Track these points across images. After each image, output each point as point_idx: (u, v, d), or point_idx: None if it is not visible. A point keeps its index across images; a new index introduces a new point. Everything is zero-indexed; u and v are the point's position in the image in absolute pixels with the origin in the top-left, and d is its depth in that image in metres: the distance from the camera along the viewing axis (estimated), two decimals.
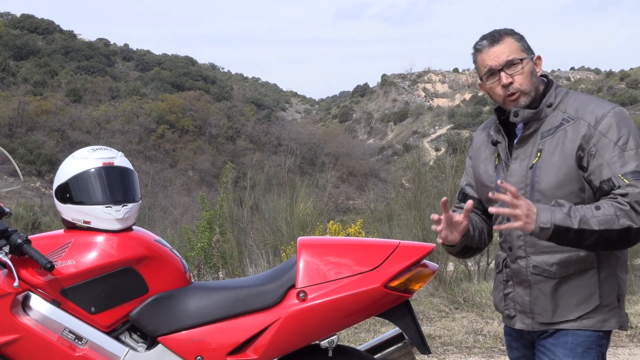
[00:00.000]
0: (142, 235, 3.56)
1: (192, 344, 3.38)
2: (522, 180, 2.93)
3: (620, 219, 2.72)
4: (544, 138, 2.90)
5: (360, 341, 7.85)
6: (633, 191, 2.73)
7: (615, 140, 2.80)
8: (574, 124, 2.86)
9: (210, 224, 12.39)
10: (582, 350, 2.88)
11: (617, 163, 2.78)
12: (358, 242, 3.83)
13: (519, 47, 2.94)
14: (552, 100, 2.94)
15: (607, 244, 2.76)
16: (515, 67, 2.92)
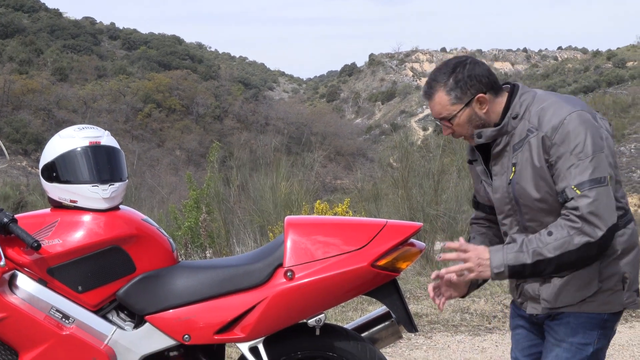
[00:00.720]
0: (129, 215, 3.56)
1: (179, 323, 3.39)
2: (506, 195, 2.94)
3: (574, 239, 2.71)
4: (516, 151, 2.89)
5: (347, 320, 7.87)
6: (583, 203, 2.70)
7: (570, 149, 2.75)
8: (536, 135, 2.83)
9: (197, 203, 12.37)
10: (584, 331, 2.90)
11: (572, 173, 2.74)
12: (345, 221, 3.83)
13: (449, 101, 2.90)
14: (517, 111, 2.90)
15: (570, 265, 2.77)
16: (450, 121, 2.93)
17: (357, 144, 77.47)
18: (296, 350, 3.48)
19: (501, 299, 9.49)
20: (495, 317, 8.68)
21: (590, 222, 2.70)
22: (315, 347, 3.48)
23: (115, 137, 3.68)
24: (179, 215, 12.83)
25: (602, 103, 65.89)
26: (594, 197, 2.70)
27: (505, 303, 9.23)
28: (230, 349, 5.49)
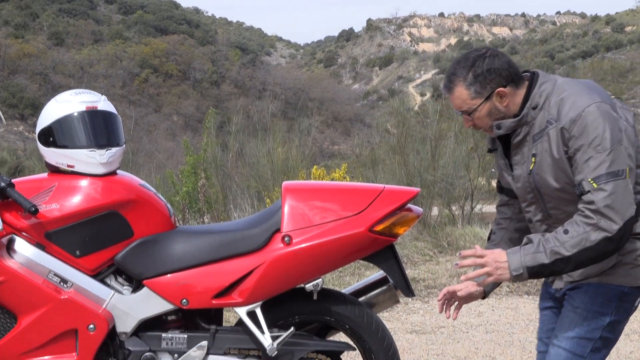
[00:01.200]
0: (127, 180, 3.55)
1: (177, 287, 3.40)
2: (528, 185, 2.94)
3: (591, 235, 2.70)
4: (536, 142, 2.88)
5: (344, 284, 7.91)
6: (599, 196, 2.69)
7: (588, 142, 2.73)
8: (555, 126, 2.81)
9: (194, 168, 12.37)
10: (602, 300, 2.90)
11: (590, 166, 2.72)
12: (343, 186, 3.83)
13: (468, 95, 2.89)
14: (537, 101, 2.88)
15: (590, 261, 2.76)
16: (470, 115, 2.93)
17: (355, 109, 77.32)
18: (293, 314, 3.49)
19: None
20: None
21: (606, 216, 2.68)
22: (313, 312, 3.50)
23: (112, 102, 3.67)
24: (177, 180, 12.83)
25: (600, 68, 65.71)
26: (611, 191, 2.68)
27: None
28: (228, 314, 5.51)
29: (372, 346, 3.48)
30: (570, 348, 2.87)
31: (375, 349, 3.48)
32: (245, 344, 3.44)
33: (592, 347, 2.88)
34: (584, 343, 2.88)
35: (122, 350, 3.43)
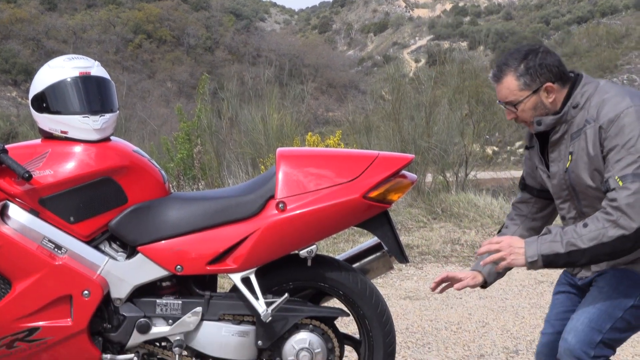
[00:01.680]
0: (121, 146, 3.54)
1: (172, 254, 3.40)
2: (563, 182, 3.00)
3: (609, 231, 2.74)
4: (573, 140, 2.94)
5: (339, 251, 7.94)
6: (623, 194, 2.73)
7: (623, 142, 2.78)
8: (593, 126, 2.87)
9: (188, 135, 12.35)
10: (628, 283, 2.92)
11: (620, 165, 2.77)
12: (337, 153, 3.82)
13: (517, 86, 2.95)
14: (578, 101, 2.94)
15: (605, 256, 2.79)
16: (515, 106, 2.97)
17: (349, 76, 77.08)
18: (288, 280, 3.50)
19: (492, 230, 9.56)
20: None
21: (626, 214, 2.72)
22: (307, 278, 3.51)
23: (106, 68, 3.65)
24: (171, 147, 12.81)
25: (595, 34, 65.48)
26: (635, 190, 2.73)
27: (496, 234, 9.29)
28: (223, 280, 5.54)
29: (366, 312, 3.49)
30: (591, 318, 2.88)
31: (369, 315, 3.49)
32: (240, 310, 3.46)
33: (611, 325, 2.89)
34: (604, 317, 2.88)
35: (117, 316, 3.44)
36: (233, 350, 3.43)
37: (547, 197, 3.24)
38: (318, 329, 3.47)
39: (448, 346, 5.14)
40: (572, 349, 2.82)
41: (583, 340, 2.81)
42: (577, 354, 2.80)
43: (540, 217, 3.30)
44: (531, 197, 3.29)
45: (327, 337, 3.47)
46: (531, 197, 3.29)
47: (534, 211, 3.29)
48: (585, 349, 2.79)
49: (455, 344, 5.20)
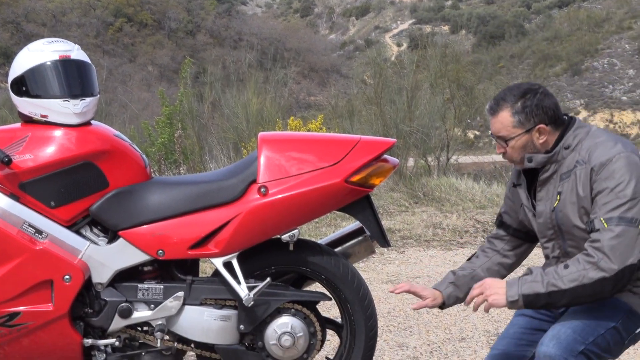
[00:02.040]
0: (101, 130, 3.52)
1: (153, 238, 3.40)
2: (549, 222, 3.04)
3: (589, 273, 2.77)
4: (563, 180, 2.98)
5: (321, 235, 7.94)
6: (606, 236, 2.77)
7: (613, 186, 2.83)
8: (585, 167, 2.91)
9: (170, 119, 12.31)
10: (610, 307, 2.93)
11: (606, 207, 2.81)
12: (319, 137, 3.82)
13: (512, 122, 2.99)
14: (570, 142, 2.99)
15: (586, 298, 2.82)
16: (506, 142, 3.01)
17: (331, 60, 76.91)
18: (270, 265, 3.51)
19: (473, 214, 9.59)
20: (467, 232, 8.79)
21: (608, 256, 2.76)
22: (289, 262, 3.51)
23: (86, 51, 3.62)
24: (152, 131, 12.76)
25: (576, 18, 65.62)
26: (618, 233, 2.77)
27: (477, 218, 9.34)
28: (204, 264, 5.53)
29: (348, 296, 3.50)
30: (574, 329, 2.88)
31: (351, 298, 3.50)
32: (222, 295, 3.46)
33: (594, 339, 2.89)
34: (588, 330, 2.89)
35: (98, 301, 3.43)
36: (215, 334, 3.43)
37: (522, 237, 3.31)
38: (300, 313, 3.47)
39: (429, 329, 5.17)
40: (552, 355, 2.81)
41: (565, 348, 2.81)
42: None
43: (512, 254, 3.33)
44: (506, 235, 3.34)
45: (309, 321, 3.48)
46: (506, 235, 3.34)
47: (507, 248, 3.33)
48: (566, 356, 2.80)
49: (436, 328, 5.23)
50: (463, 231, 8.74)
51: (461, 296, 3.26)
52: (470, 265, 3.33)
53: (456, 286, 3.27)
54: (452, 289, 3.27)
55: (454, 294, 3.27)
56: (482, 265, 3.31)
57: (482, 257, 3.34)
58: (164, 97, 12.65)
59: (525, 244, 3.32)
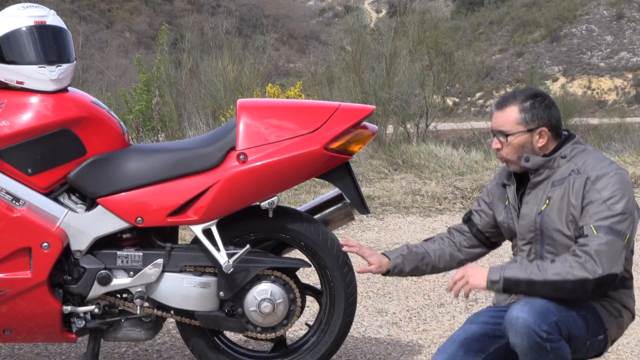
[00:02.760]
0: (78, 97, 3.49)
1: (132, 205, 3.38)
2: (532, 224, 3.08)
3: (574, 270, 2.83)
4: (554, 187, 3.03)
5: (300, 202, 7.95)
6: (595, 241, 2.83)
7: (605, 198, 2.89)
8: (579, 177, 2.97)
9: (147, 86, 12.23)
10: (577, 304, 2.94)
11: (597, 216, 2.88)
12: (298, 104, 3.81)
13: (517, 119, 3.04)
14: (566, 153, 3.06)
15: (563, 293, 2.86)
16: (504, 137, 3.05)
17: (310, 26, 76.55)
18: (249, 232, 3.51)
19: (452, 181, 9.63)
20: (445, 198, 8.83)
21: (594, 260, 2.82)
22: (268, 229, 3.51)
23: (62, 17, 3.57)
24: (129, 98, 12.68)
25: None
26: (607, 241, 2.84)
27: (456, 185, 9.38)
28: (184, 232, 5.53)
29: (327, 263, 3.51)
30: (547, 303, 2.88)
31: (330, 265, 3.51)
32: (201, 262, 3.45)
33: (566, 314, 2.91)
34: (560, 307, 2.90)
35: (77, 268, 3.42)
36: (195, 301, 3.44)
37: (481, 240, 3.37)
38: (279, 280, 3.48)
39: (409, 295, 5.20)
40: (525, 318, 2.81)
41: (540, 314, 2.83)
42: (530, 326, 2.82)
43: (465, 251, 3.39)
44: (468, 232, 3.39)
45: (289, 288, 3.49)
46: (468, 232, 3.39)
47: (464, 244, 3.38)
48: (539, 323, 2.81)
49: (415, 294, 5.26)
50: (442, 198, 8.78)
51: (406, 270, 3.34)
52: (425, 246, 3.40)
53: (405, 260, 3.33)
54: (400, 260, 3.33)
55: (400, 267, 3.33)
56: (435, 251, 3.38)
57: (438, 243, 3.40)
58: (140, 64, 12.56)
59: (481, 247, 3.40)
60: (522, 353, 2.85)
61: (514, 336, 2.85)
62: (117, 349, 4.10)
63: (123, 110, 12.39)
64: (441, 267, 3.40)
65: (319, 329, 3.59)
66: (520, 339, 2.83)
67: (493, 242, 3.39)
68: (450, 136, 15.99)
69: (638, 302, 3.47)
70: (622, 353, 4.14)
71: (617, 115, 30.95)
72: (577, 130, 21.70)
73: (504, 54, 59.77)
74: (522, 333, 2.82)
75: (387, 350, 4.17)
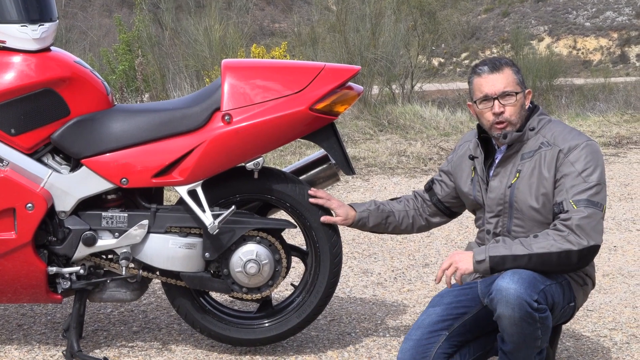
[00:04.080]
0: (61, 56, 3.45)
1: (116, 166, 3.37)
2: (502, 197, 3.10)
3: (558, 242, 2.86)
4: (524, 160, 3.06)
5: (285, 163, 7.95)
6: (576, 215, 2.88)
7: (580, 170, 2.94)
8: (550, 150, 3.01)
9: (129, 46, 12.14)
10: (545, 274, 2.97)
11: (574, 190, 2.92)
12: (283, 64, 3.79)
13: (515, 79, 3.07)
14: (534, 125, 3.09)
15: (548, 266, 2.89)
16: (510, 98, 3.06)
17: None
18: (234, 193, 3.50)
19: (437, 142, 9.65)
20: (430, 159, 8.85)
21: (577, 234, 2.87)
22: (254, 190, 3.51)
23: None
24: (112, 59, 12.59)
25: None
26: (587, 214, 2.89)
27: (441, 146, 9.40)
28: (169, 193, 5.53)
29: (313, 223, 3.51)
30: (533, 273, 2.90)
31: (315, 226, 3.52)
32: (186, 223, 3.45)
33: (550, 282, 2.94)
34: (544, 277, 2.93)
35: (62, 229, 3.41)
36: (180, 262, 3.44)
37: (441, 209, 3.45)
38: (265, 241, 3.49)
39: (394, 256, 5.22)
40: (516, 289, 2.82)
41: (529, 283, 2.84)
42: (521, 296, 2.82)
43: (425, 218, 3.48)
44: (429, 201, 3.46)
45: (274, 249, 3.49)
46: (429, 201, 3.46)
47: (425, 212, 3.47)
48: (530, 293, 2.82)
49: (400, 254, 5.29)
50: (427, 158, 8.80)
51: (369, 225, 3.44)
52: (391, 206, 3.48)
53: (370, 215, 3.42)
54: (366, 215, 3.43)
55: (364, 221, 3.43)
56: (399, 212, 3.46)
57: (403, 205, 3.48)
58: (120, 24, 12.45)
59: (440, 217, 3.48)
60: (511, 324, 2.85)
61: (504, 307, 2.84)
62: (102, 310, 4.11)
63: (106, 71, 12.31)
64: (402, 229, 3.49)
65: (304, 289, 3.61)
66: (511, 310, 2.83)
67: (453, 212, 3.46)
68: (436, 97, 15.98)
69: None
70: (604, 311, 4.19)
71: (601, 75, 31.00)
72: (562, 91, 21.76)
73: (490, 14, 59.51)
74: (514, 304, 2.82)
75: (372, 310, 4.20)
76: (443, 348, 3.12)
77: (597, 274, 3.27)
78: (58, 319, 3.97)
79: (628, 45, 53.13)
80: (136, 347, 3.64)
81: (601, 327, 3.97)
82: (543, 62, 24.49)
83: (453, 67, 51.65)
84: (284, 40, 17.71)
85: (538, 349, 2.94)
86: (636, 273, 4.90)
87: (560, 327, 3.27)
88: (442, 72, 42.67)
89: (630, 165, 8.87)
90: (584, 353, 3.65)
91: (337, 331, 3.88)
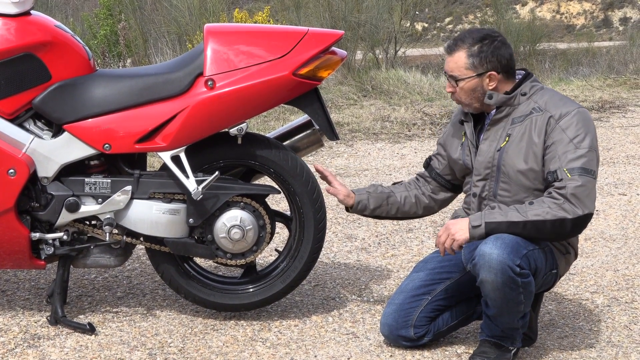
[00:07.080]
0: (42, 20, 3.41)
1: (99, 132, 3.35)
2: (490, 161, 3.12)
3: (553, 210, 2.88)
4: (514, 124, 3.08)
5: (269, 129, 7.93)
6: (571, 184, 2.89)
7: (571, 137, 2.96)
8: (541, 115, 3.02)
9: (110, 11, 12.03)
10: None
11: (567, 157, 2.94)
12: (266, 29, 3.76)
13: (465, 64, 3.09)
14: (526, 90, 3.10)
15: (543, 234, 2.92)
16: (456, 81, 3.10)
17: None
18: (218, 159, 3.49)
19: (421, 107, 9.65)
20: (414, 124, 8.85)
21: (571, 202, 2.89)
22: (237, 156, 3.50)
23: None
24: (94, 24, 12.48)
25: None
26: (582, 183, 2.91)
27: (425, 111, 9.40)
28: (152, 159, 5.51)
29: (297, 189, 3.51)
30: (515, 238, 2.93)
31: (299, 191, 3.51)
32: (170, 189, 3.44)
33: (533, 248, 2.97)
34: (527, 242, 2.96)
35: (45, 195, 3.39)
36: (164, 228, 3.43)
37: (443, 184, 3.43)
38: (249, 206, 3.48)
39: (377, 221, 5.23)
40: (499, 254, 2.85)
41: (512, 248, 2.87)
42: (504, 261, 2.85)
43: (430, 197, 3.46)
44: (429, 177, 3.45)
45: (259, 214, 3.49)
46: (429, 177, 3.45)
47: (427, 190, 3.45)
48: (512, 258, 2.86)
49: (384, 220, 5.30)
50: (411, 124, 8.80)
51: (370, 207, 3.42)
52: (392, 188, 3.49)
53: (370, 197, 3.41)
54: (365, 196, 3.42)
55: (364, 203, 3.41)
56: (401, 192, 3.45)
57: (405, 186, 3.48)
58: None
59: (443, 192, 3.45)
60: (493, 289, 2.89)
61: (486, 272, 2.89)
62: (86, 276, 4.11)
63: (87, 36, 12.20)
64: (406, 210, 3.46)
65: (288, 254, 3.61)
66: (493, 275, 2.87)
67: (455, 185, 3.44)
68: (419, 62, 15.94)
69: None
70: (585, 275, 4.23)
71: (585, 40, 30.98)
72: (545, 55, 21.75)
73: None
74: (497, 269, 2.86)
75: (356, 275, 4.22)
76: (425, 312, 3.16)
77: (579, 237, 3.28)
78: (42, 285, 3.96)
79: (611, 9, 53.12)
80: (120, 313, 3.64)
81: (583, 291, 4.01)
82: (525, 27, 24.43)
83: (437, 32, 51.51)
84: (266, 4, 17.59)
85: (521, 314, 2.98)
86: (617, 237, 4.95)
87: (542, 293, 3.31)
88: (425, 37, 42.56)
89: (613, 130, 8.91)
90: (565, 316, 3.68)
91: (321, 296, 3.90)
